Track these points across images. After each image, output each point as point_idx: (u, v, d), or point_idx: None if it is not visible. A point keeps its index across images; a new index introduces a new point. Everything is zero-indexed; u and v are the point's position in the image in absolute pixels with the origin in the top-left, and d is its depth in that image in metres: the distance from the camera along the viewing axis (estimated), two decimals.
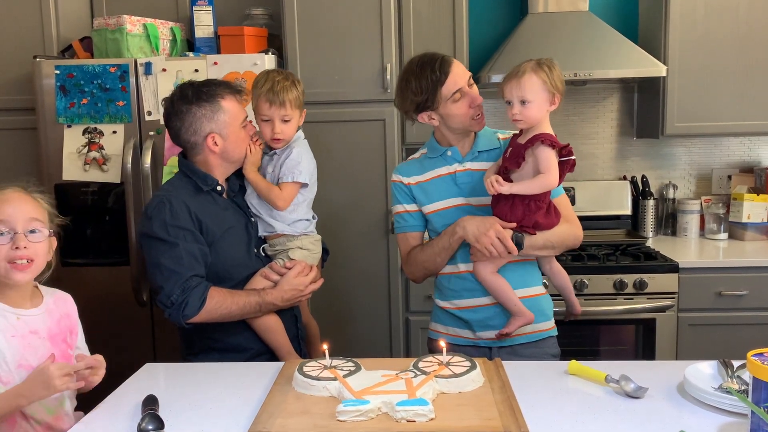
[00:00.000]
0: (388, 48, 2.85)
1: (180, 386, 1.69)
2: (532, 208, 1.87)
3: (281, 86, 2.02)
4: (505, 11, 3.39)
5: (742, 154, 3.42)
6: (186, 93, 1.97)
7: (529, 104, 1.82)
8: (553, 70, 1.84)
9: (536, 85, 1.81)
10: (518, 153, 1.86)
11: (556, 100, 1.85)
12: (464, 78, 1.91)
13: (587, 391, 1.59)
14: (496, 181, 1.83)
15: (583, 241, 2.03)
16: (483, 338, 2.00)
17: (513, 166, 1.86)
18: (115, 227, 2.81)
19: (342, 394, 1.49)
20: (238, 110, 2.00)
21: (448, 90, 1.88)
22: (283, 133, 2.05)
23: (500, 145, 2.00)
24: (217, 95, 1.96)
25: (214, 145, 1.97)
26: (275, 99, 2.01)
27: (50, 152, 2.79)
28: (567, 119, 3.40)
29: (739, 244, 3.13)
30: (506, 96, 1.86)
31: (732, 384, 1.50)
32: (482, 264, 1.92)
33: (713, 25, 3.01)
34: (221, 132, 1.96)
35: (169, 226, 1.90)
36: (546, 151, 1.83)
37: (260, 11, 3.06)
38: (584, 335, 2.86)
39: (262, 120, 2.05)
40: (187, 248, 1.90)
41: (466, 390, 1.54)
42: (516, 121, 1.86)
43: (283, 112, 2.03)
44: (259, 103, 2.04)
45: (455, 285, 2.02)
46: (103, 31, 2.81)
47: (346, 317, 3.00)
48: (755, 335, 2.80)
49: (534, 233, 1.89)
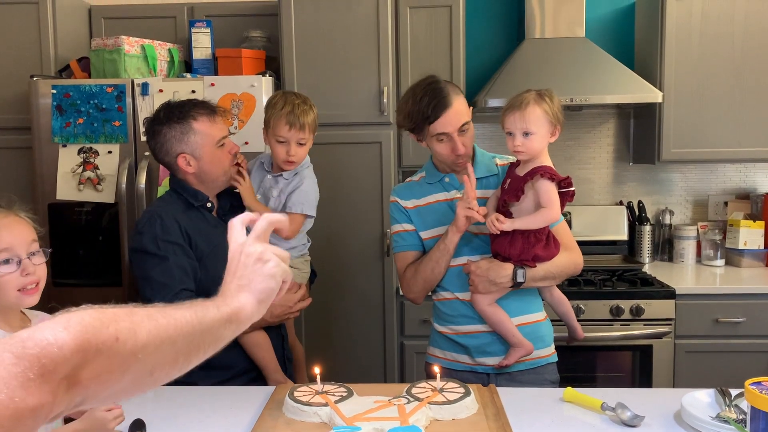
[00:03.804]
0: (386, 71, 2.86)
1: (168, 409, 1.66)
2: (531, 241, 1.85)
3: (301, 110, 2.05)
4: (502, 36, 3.41)
5: (738, 180, 3.42)
6: (159, 114, 1.99)
7: (532, 136, 1.81)
8: (554, 101, 1.83)
9: (540, 116, 1.80)
10: (517, 186, 1.85)
11: (557, 131, 1.85)
12: (456, 123, 1.87)
13: (583, 419, 1.57)
14: (497, 219, 1.82)
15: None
16: (482, 364, 1.98)
17: (512, 199, 1.85)
18: (109, 247, 2.79)
19: (333, 420, 1.47)
20: (212, 130, 1.97)
21: (434, 129, 1.87)
22: (297, 156, 2.07)
23: (498, 171, 2.00)
24: (188, 116, 1.95)
25: (187, 165, 1.97)
26: (296, 122, 2.04)
27: (45, 171, 2.78)
28: (563, 144, 3.41)
29: (736, 271, 3.12)
30: (508, 127, 1.84)
31: (730, 413, 1.48)
32: (481, 296, 1.91)
33: (709, 52, 3.03)
34: (193, 153, 1.96)
35: (160, 241, 1.90)
36: (546, 184, 1.81)
37: (258, 34, 3.08)
38: (580, 361, 2.83)
39: (278, 141, 2.07)
40: (178, 262, 1.90)
41: (459, 417, 1.52)
42: (518, 153, 1.85)
43: (301, 135, 2.06)
44: (277, 124, 2.05)
45: (453, 310, 2.00)
46: (101, 51, 2.82)
47: (341, 340, 2.97)
48: (752, 363, 2.78)
49: (534, 266, 1.88)
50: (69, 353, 0.69)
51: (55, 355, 0.68)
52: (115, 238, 2.78)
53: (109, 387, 0.75)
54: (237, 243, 1.03)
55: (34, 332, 0.70)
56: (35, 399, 0.66)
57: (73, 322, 0.72)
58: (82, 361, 0.71)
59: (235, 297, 0.97)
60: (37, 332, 0.70)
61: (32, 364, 0.67)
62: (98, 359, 0.72)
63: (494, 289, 1.88)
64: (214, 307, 0.92)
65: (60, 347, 0.69)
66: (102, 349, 0.73)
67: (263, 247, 1.02)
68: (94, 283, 2.83)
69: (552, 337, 2.05)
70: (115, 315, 0.76)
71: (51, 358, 0.68)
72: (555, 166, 1.86)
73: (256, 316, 0.98)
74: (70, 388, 0.70)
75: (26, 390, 0.66)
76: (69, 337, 0.70)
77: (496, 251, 1.90)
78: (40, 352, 0.68)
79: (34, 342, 0.68)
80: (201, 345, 0.87)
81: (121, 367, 0.75)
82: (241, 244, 1.03)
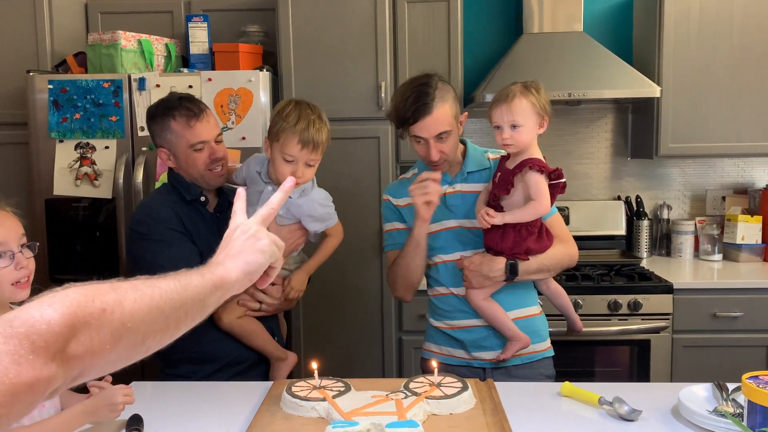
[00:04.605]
0: (383, 66, 2.85)
1: (167, 405, 1.66)
2: (523, 234, 1.85)
3: (317, 127, 1.86)
4: (500, 31, 3.41)
5: (736, 175, 3.42)
6: (152, 107, 2.04)
7: (520, 128, 1.80)
8: (541, 93, 1.83)
9: (527, 108, 1.80)
10: (507, 179, 1.84)
11: (545, 123, 1.84)
12: (432, 131, 1.84)
13: (580, 413, 1.57)
14: (487, 214, 1.82)
15: (577, 261, 2.02)
16: (478, 359, 1.98)
17: (502, 193, 1.85)
18: (106, 243, 2.79)
19: (331, 415, 1.47)
20: (187, 132, 1.94)
21: (412, 131, 1.87)
22: (304, 178, 1.89)
23: (490, 165, 1.99)
24: (169, 115, 1.96)
25: (168, 159, 2.00)
26: (310, 141, 1.84)
27: (42, 167, 2.77)
28: (561, 139, 3.41)
29: (734, 266, 3.12)
30: (495, 121, 1.84)
31: (727, 407, 1.48)
32: (475, 291, 1.90)
33: (707, 47, 3.02)
34: (170, 149, 1.99)
35: (165, 228, 1.92)
36: (535, 176, 1.81)
37: (255, 28, 3.06)
38: (578, 356, 2.83)
39: (285, 160, 1.86)
40: (184, 247, 1.92)
41: (457, 411, 1.52)
42: (506, 146, 1.84)
43: (313, 156, 1.88)
44: (288, 141, 1.84)
45: (448, 305, 2.00)
46: (98, 46, 2.81)
47: (338, 335, 2.97)
48: (750, 357, 2.78)
49: (527, 259, 1.87)
50: (58, 328, 0.71)
51: (44, 330, 0.70)
52: (112, 234, 2.77)
53: (104, 357, 0.77)
54: (235, 224, 1.05)
55: (19, 312, 0.71)
56: (29, 374, 0.68)
57: (58, 299, 0.74)
58: (71, 334, 0.72)
59: (221, 265, 0.98)
60: (23, 312, 0.71)
61: (22, 341, 0.68)
62: (87, 331, 0.74)
63: (488, 283, 1.88)
64: (198, 275, 0.93)
65: (48, 323, 0.70)
66: (90, 321, 0.75)
67: (259, 227, 1.03)
68: (91, 279, 2.81)
69: (547, 332, 2.05)
70: (99, 289, 0.79)
71: (40, 334, 0.69)
72: (553, 161, 1.86)
73: (241, 286, 0.99)
74: (65, 362, 0.72)
75: (20, 366, 0.67)
76: (56, 313, 0.71)
77: (488, 245, 1.90)
78: (28, 329, 0.69)
79: (21, 321, 0.70)
80: (189, 312, 0.89)
81: (112, 337, 0.77)
82: (238, 224, 1.04)
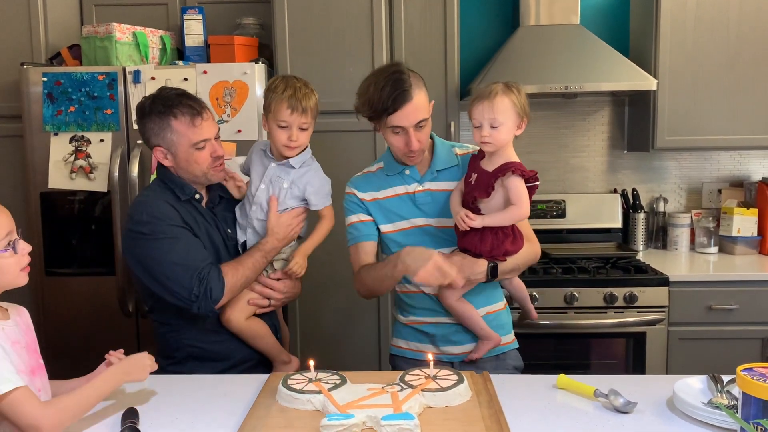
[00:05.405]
0: (379, 59, 2.84)
1: (162, 399, 1.66)
2: (500, 237, 1.85)
3: (303, 93, 1.97)
4: (496, 24, 3.40)
5: (732, 168, 3.43)
6: (144, 103, 1.96)
7: (500, 127, 1.79)
8: (521, 93, 1.82)
9: (508, 107, 1.79)
10: (488, 182, 1.83)
11: (523, 124, 1.83)
12: (413, 119, 1.84)
13: (576, 405, 1.57)
14: (467, 216, 1.81)
15: (573, 254, 2.02)
16: (447, 353, 1.99)
17: (483, 196, 1.83)
18: (101, 237, 2.78)
19: (326, 407, 1.47)
20: (190, 131, 1.92)
21: (391, 121, 1.85)
22: (298, 141, 1.99)
23: (458, 162, 1.98)
24: (169, 113, 1.91)
25: (164, 158, 1.96)
26: (297, 105, 1.95)
27: (36, 160, 2.76)
28: (558, 132, 3.40)
29: (729, 258, 3.13)
30: (476, 118, 1.82)
31: (721, 399, 1.48)
32: (448, 291, 1.90)
33: (703, 39, 3.02)
34: (169, 149, 1.94)
35: (168, 225, 1.89)
36: (517, 181, 1.80)
37: (251, 21, 3.05)
38: (574, 349, 2.84)
39: (279, 126, 1.98)
40: (190, 241, 1.91)
41: (453, 404, 1.52)
42: (484, 144, 1.82)
43: (303, 119, 1.98)
44: (278, 108, 1.96)
45: (417, 302, 2.00)
46: (92, 38, 2.80)
47: (334, 328, 2.97)
48: (745, 349, 2.79)
49: (505, 260, 1.89)
50: None
51: None
52: (108, 227, 2.76)
53: None
54: None
55: None
56: None
57: None
58: None
59: None
60: None
61: None
62: None
63: (468, 285, 1.88)
64: None
65: None
66: None
67: None
68: (87, 273, 2.82)
69: (511, 325, 2.09)
70: None
71: None
72: (549, 154, 1.86)
73: None
74: None
75: None
76: None
77: (465, 248, 1.88)
78: None
79: None
80: None
81: None
82: None
